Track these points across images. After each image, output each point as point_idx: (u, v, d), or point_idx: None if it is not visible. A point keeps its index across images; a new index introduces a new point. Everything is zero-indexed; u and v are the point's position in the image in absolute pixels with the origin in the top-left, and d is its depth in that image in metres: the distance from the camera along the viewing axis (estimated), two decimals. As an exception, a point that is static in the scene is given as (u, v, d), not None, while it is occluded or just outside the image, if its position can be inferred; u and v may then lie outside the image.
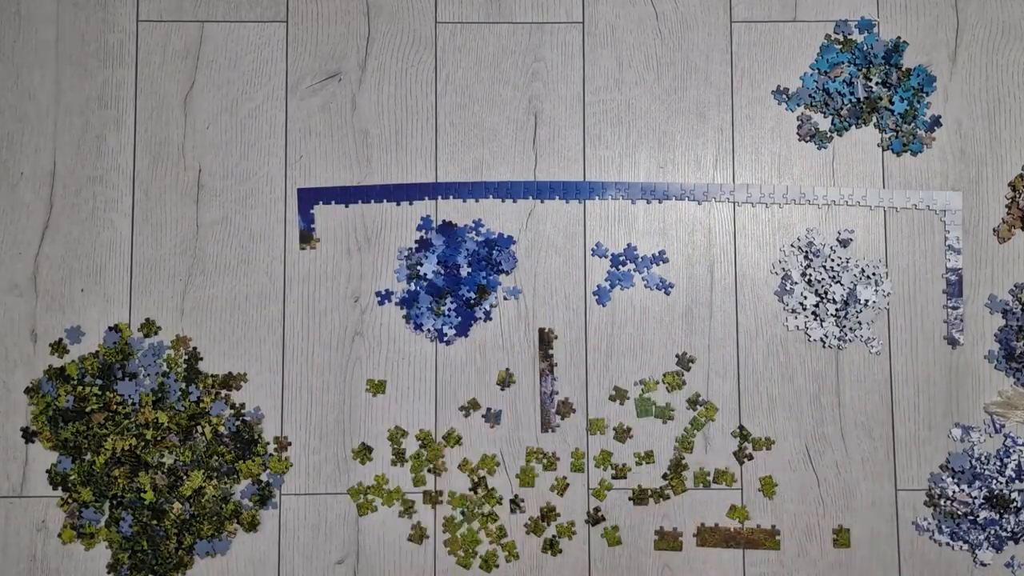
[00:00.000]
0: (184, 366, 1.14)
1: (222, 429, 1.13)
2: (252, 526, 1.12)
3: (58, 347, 1.14)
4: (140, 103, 1.18)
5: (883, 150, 1.17)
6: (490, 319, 1.15)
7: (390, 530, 1.13)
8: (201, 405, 1.13)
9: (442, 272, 1.16)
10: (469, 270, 1.16)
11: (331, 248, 1.16)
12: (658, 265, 1.16)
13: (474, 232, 1.16)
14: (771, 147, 1.18)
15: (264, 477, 1.13)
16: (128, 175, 1.17)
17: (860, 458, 1.14)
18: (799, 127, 1.17)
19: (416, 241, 1.17)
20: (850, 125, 1.17)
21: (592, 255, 1.17)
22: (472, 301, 1.15)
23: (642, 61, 1.19)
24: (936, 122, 1.17)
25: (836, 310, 1.14)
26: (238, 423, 1.13)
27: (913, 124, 1.16)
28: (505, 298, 1.16)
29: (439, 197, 1.17)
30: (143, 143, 1.18)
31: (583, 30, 1.19)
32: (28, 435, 1.13)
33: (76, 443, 1.12)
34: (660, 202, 1.17)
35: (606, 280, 1.16)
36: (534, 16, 1.19)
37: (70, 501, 1.12)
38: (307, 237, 1.16)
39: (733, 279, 1.16)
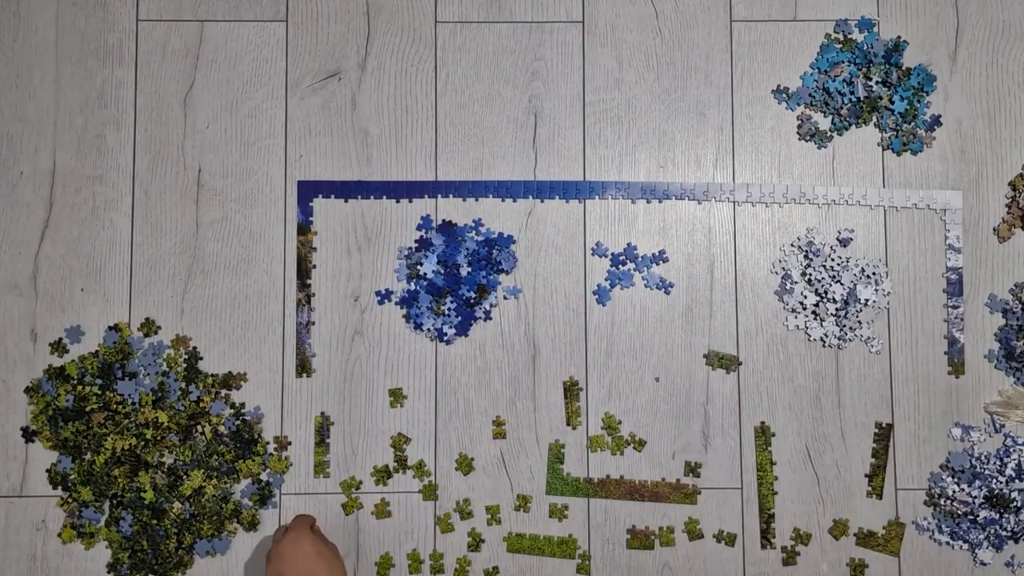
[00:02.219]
0: (184, 366, 1.14)
1: (222, 429, 1.13)
2: (252, 526, 1.12)
3: (58, 347, 1.14)
4: (140, 102, 1.18)
5: (883, 149, 1.17)
6: (490, 319, 1.15)
7: (389, 529, 1.13)
8: (201, 405, 1.13)
9: (442, 272, 1.16)
10: (469, 269, 1.16)
11: (331, 247, 1.16)
12: (658, 264, 1.16)
13: (474, 232, 1.16)
14: (771, 147, 1.18)
15: (264, 477, 1.13)
16: (128, 174, 1.17)
17: (860, 457, 1.14)
18: (799, 126, 1.17)
19: (416, 240, 1.16)
20: (850, 124, 1.17)
21: (592, 255, 1.17)
22: (472, 301, 1.15)
23: (642, 60, 1.19)
24: (936, 121, 1.17)
25: (836, 309, 1.14)
26: (238, 423, 1.13)
27: (913, 123, 1.16)
28: (505, 298, 1.16)
29: (439, 195, 1.17)
30: (143, 142, 1.18)
31: (583, 29, 1.19)
32: (28, 435, 1.13)
33: (76, 443, 1.12)
34: (660, 202, 1.17)
35: (606, 280, 1.16)
36: (534, 15, 1.19)
37: (70, 501, 1.12)
38: (304, 230, 1.16)
39: (733, 278, 1.16)
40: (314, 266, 1.16)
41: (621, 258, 1.16)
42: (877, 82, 1.16)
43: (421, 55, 1.19)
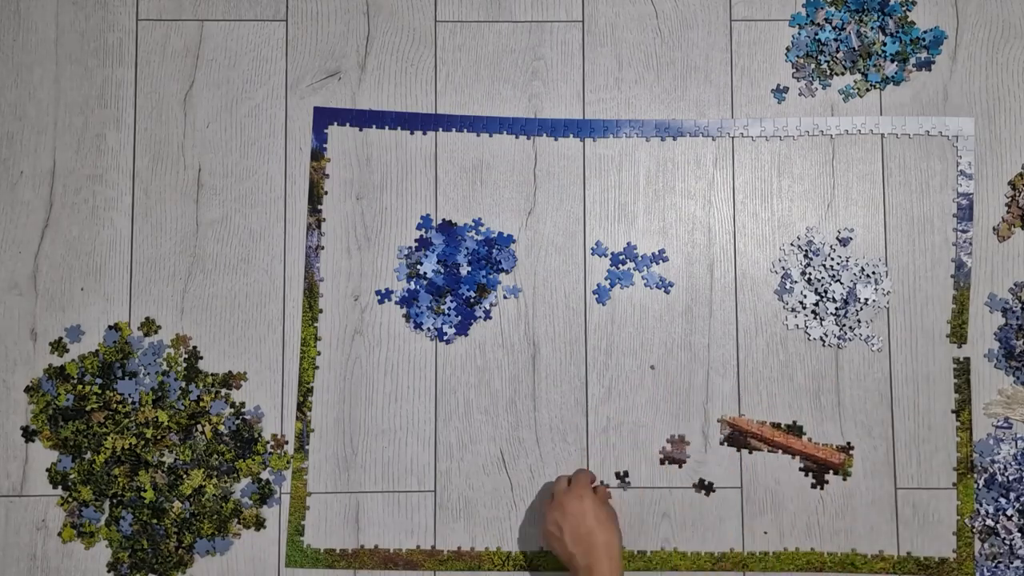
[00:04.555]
0: (184, 365, 1.14)
1: (222, 428, 1.13)
2: (256, 524, 1.12)
3: (58, 346, 1.14)
4: (140, 102, 1.18)
5: (867, 90, 1.17)
6: (490, 318, 1.16)
7: (390, 529, 1.13)
8: (201, 404, 1.13)
9: (442, 271, 1.16)
10: (469, 269, 1.16)
11: (331, 247, 1.16)
12: (658, 264, 1.16)
13: (474, 231, 1.16)
14: (770, 145, 1.18)
15: (265, 475, 1.13)
16: (128, 174, 1.17)
17: (860, 457, 1.14)
18: (795, 72, 1.18)
19: (416, 240, 1.17)
20: (845, 71, 1.17)
21: (592, 254, 1.17)
22: (472, 300, 1.15)
23: (642, 60, 1.19)
24: (926, 64, 1.17)
25: (836, 308, 1.14)
26: (238, 422, 1.13)
27: (903, 64, 1.17)
28: (505, 297, 1.16)
29: (453, 129, 1.18)
30: (143, 142, 1.18)
31: (583, 29, 1.19)
32: (28, 434, 1.13)
33: (76, 442, 1.12)
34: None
35: (606, 279, 1.16)
36: (534, 15, 1.19)
37: (70, 500, 1.12)
38: (318, 156, 1.17)
39: (733, 278, 1.16)
40: (326, 192, 1.16)
41: (621, 257, 1.16)
42: (872, 28, 1.17)
43: (421, 54, 1.19)
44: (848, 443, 1.13)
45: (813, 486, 1.13)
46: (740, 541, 1.13)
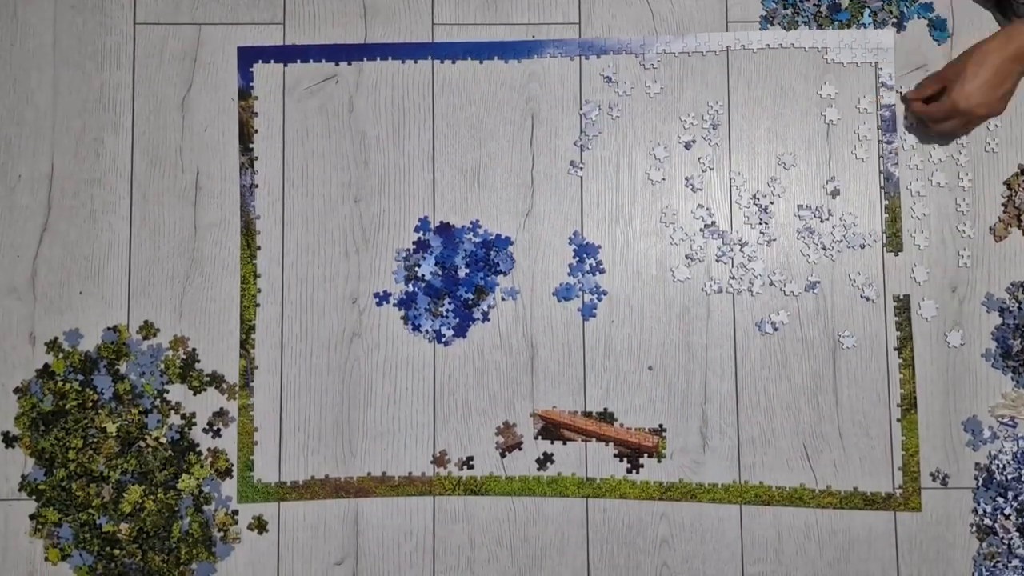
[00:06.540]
0: (180, 367, 1.14)
1: (163, 440, 1.12)
2: (259, 528, 1.12)
3: (53, 346, 1.14)
4: (138, 105, 1.18)
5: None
6: (488, 320, 1.16)
7: (389, 531, 1.13)
8: (147, 416, 1.13)
9: (440, 273, 1.16)
10: (467, 271, 1.16)
11: (329, 250, 1.17)
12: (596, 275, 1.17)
13: (472, 233, 1.17)
14: (767, 146, 1.18)
15: (205, 488, 1.13)
16: (126, 177, 1.18)
17: (858, 457, 1.14)
18: (765, 17, 1.19)
19: (414, 242, 1.17)
20: (834, 20, 1.18)
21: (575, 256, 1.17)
22: (470, 302, 1.15)
23: (638, 62, 1.19)
24: (900, 24, 1.18)
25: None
26: (179, 432, 1.13)
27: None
28: (503, 299, 1.16)
29: (378, 57, 1.19)
30: (141, 145, 1.18)
31: (579, 31, 1.20)
32: (8, 440, 1.13)
33: (51, 455, 1.11)
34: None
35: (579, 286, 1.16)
36: (531, 17, 1.20)
37: (40, 527, 1.11)
38: (245, 95, 1.18)
39: (729, 279, 1.16)
40: (256, 131, 1.17)
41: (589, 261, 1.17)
42: None
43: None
44: (660, 425, 1.14)
45: (628, 471, 1.14)
46: (739, 540, 1.13)
